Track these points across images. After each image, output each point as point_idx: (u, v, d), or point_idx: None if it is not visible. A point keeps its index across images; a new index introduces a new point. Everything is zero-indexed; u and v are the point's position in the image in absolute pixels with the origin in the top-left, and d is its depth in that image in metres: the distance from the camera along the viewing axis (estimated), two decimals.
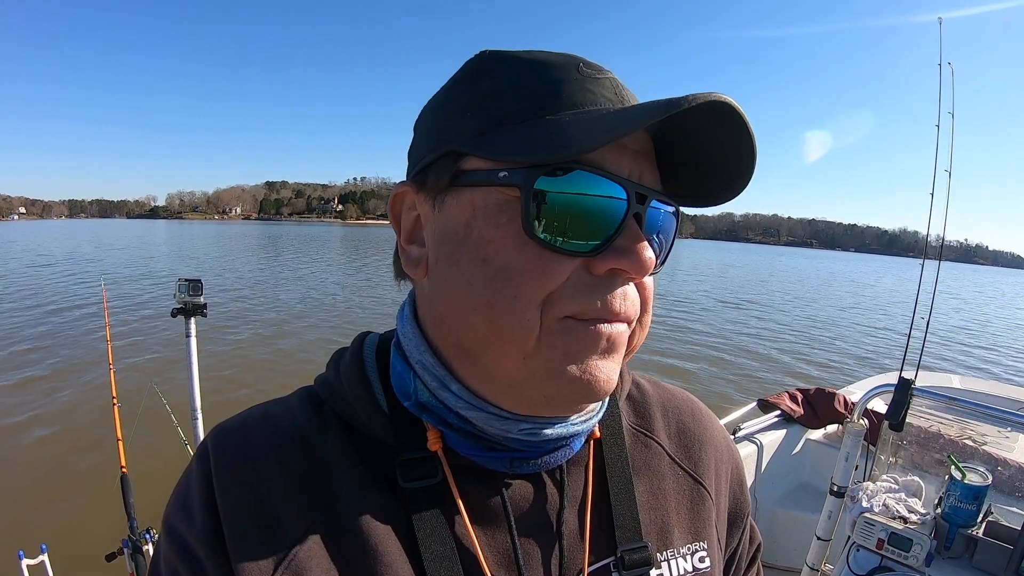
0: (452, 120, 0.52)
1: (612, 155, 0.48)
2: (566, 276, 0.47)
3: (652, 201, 0.50)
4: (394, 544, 0.51)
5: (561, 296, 0.47)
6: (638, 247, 0.47)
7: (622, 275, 0.49)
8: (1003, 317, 27.59)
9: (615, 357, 0.51)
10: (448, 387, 0.54)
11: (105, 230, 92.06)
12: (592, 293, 0.48)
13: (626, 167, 0.49)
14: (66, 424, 6.64)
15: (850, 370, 11.48)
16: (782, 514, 3.39)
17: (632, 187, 0.48)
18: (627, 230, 0.48)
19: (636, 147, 0.50)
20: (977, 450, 2.52)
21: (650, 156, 0.52)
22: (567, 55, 0.52)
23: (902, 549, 2.00)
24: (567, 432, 0.55)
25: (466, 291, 0.49)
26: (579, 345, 0.48)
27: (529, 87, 0.50)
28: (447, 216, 0.51)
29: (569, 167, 0.46)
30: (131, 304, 14.80)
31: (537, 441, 0.55)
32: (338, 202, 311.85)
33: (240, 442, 0.55)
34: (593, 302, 0.48)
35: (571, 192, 0.46)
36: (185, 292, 2.83)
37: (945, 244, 2.62)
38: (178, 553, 0.52)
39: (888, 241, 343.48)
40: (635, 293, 0.51)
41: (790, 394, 3.83)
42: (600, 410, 0.60)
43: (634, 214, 0.48)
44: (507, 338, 0.48)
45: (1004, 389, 4.51)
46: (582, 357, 0.48)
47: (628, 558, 0.57)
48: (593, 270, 0.48)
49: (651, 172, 0.52)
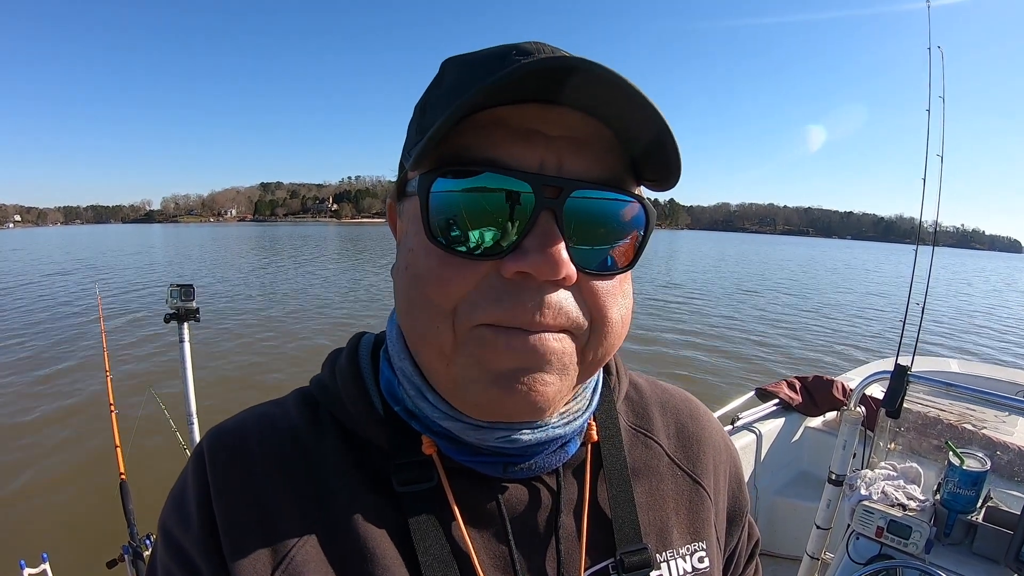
0: (408, 132, 0.55)
1: (518, 147, 0.44)
2: (474, 282, 0.45)
3: (575, 192, 0.45)
4: (390, 548, 0.51)
5: (469, 303, 0.45)
6: (547, 247, 0.43)
7: (532, 279, 0.44)
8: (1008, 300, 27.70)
9: (550, 370, 0.46)
10: (425, 396, 0.54)
11: (100, 236, 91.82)
12: (501, 300, 0.44)
13: (536, 158, 0.45)
14: (64, 432, 6.63)
15: (851, 356, 11.49)
16: (782, 503, 3.40)
17: (539, 180, 0.44)
18: (537, 228, 0.44)
19: (557, 132, 0.45)
20: (976, 435, 2.52)
21: (582, 141, 0.46)
22: (512, 45, 0.48)
23: (901, 536, 2.00)
24: (547, 436, 0.54)
25: (400, 298, 0.51)
26: (493, 355, 0.45)
27: (456, 89, 0.49)
28: (402, 226, 0.53)
29: (471, 169, 0.44)
30: (127, 310, 14.77)
31: (517, 448, 0.54)
32: (333, 201, 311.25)
33: (236, 444, 0.55)
34: (504, 309, 0.44)
35: (463, 191, 0.45)
36: (177, 297, 2.82)
37: (941, 230, 2.62)
38: (174, 556, 0.51)
39: (885, 228, 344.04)
40: (566, 298, 0.46)
41: (788, 382, 3.84)
42: (585, 412, 0.59)
43: (547, 209, 0.44)
44: (427, 345, 0.48)
45: (1005, 372, 4.52)
46: (501, 368, 0.46)
47: (627, 560, 0.57)
48: (503, 274, 0.44)
49: (580, 158, 0.46)
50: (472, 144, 0.45)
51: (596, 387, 0.62)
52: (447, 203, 0.45)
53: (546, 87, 0.42)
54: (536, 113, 0.45)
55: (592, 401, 0.60)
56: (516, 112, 0.45)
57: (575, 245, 0.46)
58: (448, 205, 0.45)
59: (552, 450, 0.57)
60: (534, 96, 0.43)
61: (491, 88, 0.40)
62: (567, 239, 0.45)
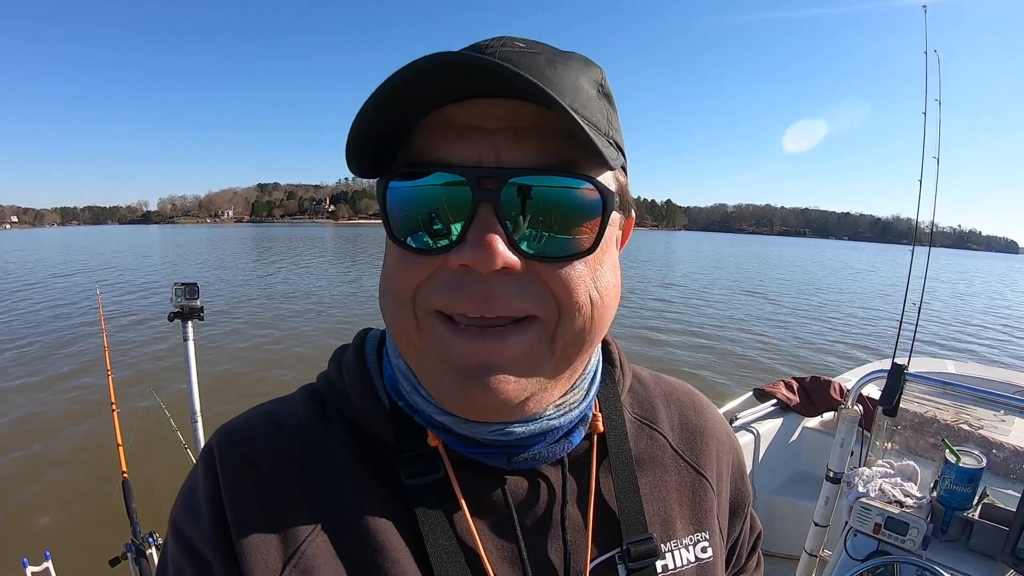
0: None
1: (458, 144, 0.46)
2: (429, 274, 0.47)
3: (512, 180, 0.45)
4: (399, 540, 0.52)
5: (425, 290, 0.48)
6: (482, 238, 0.44)
7: (475, 271, 0.45)
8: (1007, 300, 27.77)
9: (510, 369, 0.48)
10: (419, 392, 0.55)
11: (98, 237, 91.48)
12: (448, 290, 0.46)
13: (475, 152, 0.45)
14: (66, 431, 6.63)
15: (849, 356, 11.51)
16: (780, 502, 3.41)
17: (474, 173, 0.45)
18: (476, 220, 0.45)
19: (495, 124, 0.45)
20: (972, 434, 2.54)
21: (526, 129, 0.46)
22: (479, 41, 0.50)
23: (899, 533, 2.02)
24: (542, 428, 0.55)
25: (379, 294, 0.54)
26: (451, 351, 0.47)
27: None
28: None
29: (419, 170, 0.47)
30: (127, 309, 14.75)
31: (513, 440, 0.55)
32: (330, 202, 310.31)
33: (244, 442, 0.56)
34: (453, 299, 0.46)
35: (413, 191, 0.47)
36: (182, 296, 2.82)
37: (938, 230, 2.64)
38: (184, 553, 0.52)
39: (882, 229, 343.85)
40: (521, 286, 0.46)
41: (786, 383, 3.85)
42: (582, 402, 0.59)
43: (486, 201, 0.45)
44: (400, 336, 0.51)
45: (1001, 373, 4.54)
46: (460, 365, 0.47)
47: (634, 550, 0.58)
48: (450, 266, 0.45)
49: (519, 147, 0.45)
50: (423, 146, 0.47)
51: (595, 378, 0.62)
52: (400, 203, 0.48)
53: (459, 82, 0.43)
54: (478, 108, 0.46)
55: (590, 392, 0.60)
56: (458, 110, 0.46)
57: (524, 233, 0.46)
58: (402, 205, 0.48)
59: (554, 440, 0.57)
60: (464, 93, 0.45)
61: (383, 90, 0.42)
62: (511, 228, 0.45)
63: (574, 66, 0.50)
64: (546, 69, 0.47)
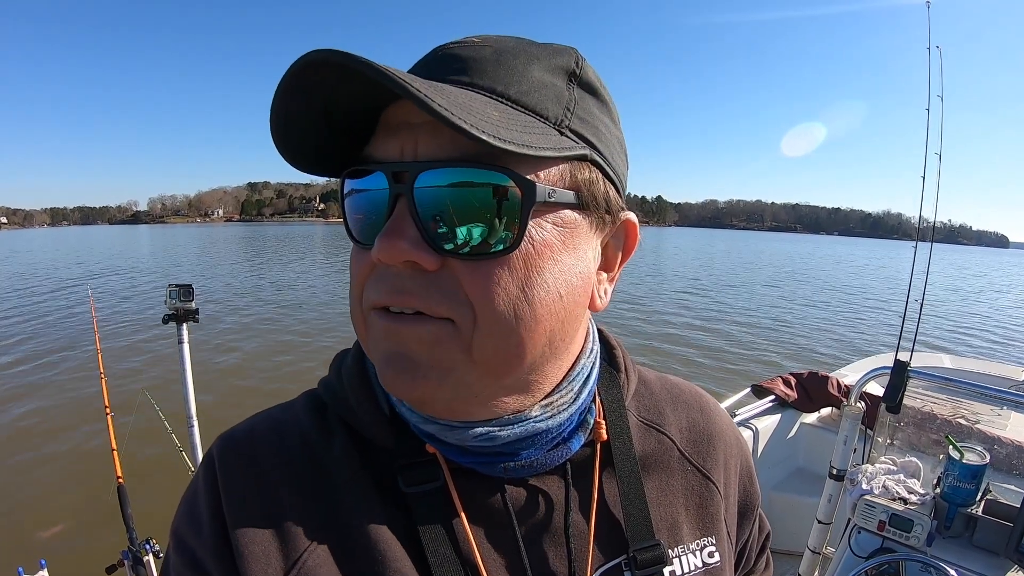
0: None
1: (386, 139, 0.47)
2: (368, 270, 0.48)
3: (423, 173, 0.43)
4: (400, 550, 0.51)
5: (366, 288, 0.48)
6: (388, 233, 0.43)
7: (383, 263, 0.45)
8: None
9: (419, 358, 0.46)
10: (402, 401, 0.55)
11: (88, 237, 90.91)
12: (375, 283, 0.47)
13: (397, 147, 0.45)
14: (60, 436, 6.56)
15: (846, 351, 11.58)
16: (779, 498, 3.42)
17: (389, 167, 0.45)
18: (393, 215, 0.45)
19: (419, 119, 0.44)
20: (971, 429, 2.55)
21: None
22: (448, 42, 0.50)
23: (903, 530, 2.03)
24: (527, 432, 0.53)
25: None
26: (382, 334, 0.48)
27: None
28: None
29: (363, 168, 0.48)
30: (120, 312, 14.63)
31: (498, 447, 0.53)
32: (320, 201, 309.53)
33: (245, 451, 0.55)
34: (377, 293, 0.47)
35: (356, 189, 0.49)
36: (176, 298, 2.78)
37: (930, 226, 2.64)
38: (186, 563, 0.52)
39: (872, 224, 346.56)
40: (435, 284, 0.45)
41: (783, 378, 3.86)
42: (572, 405, 0.57)
43: (401, 195, 0.44)
44: (358, 334, 0.52)
45: (997, 368, 4.57)
46: (381, 351, 0.48)
47: (640, 557, 0.57)
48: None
49: (435, 139, 0.44)
50: (371, 145, 0.49)
51: (588, 380, 0.59)
52: (350, 200, 0.50)
53: (332, 79, 0.42)
54: (411, 105, 0.43)
55: (581, 394, 0.58)
56: (394, 108, 0.47)
57: (441, 229, 0.44)
58: (350, 202, 0.50)
59: (551, 447, 0.56)
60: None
61: (280, 91, 0.43)
62: (428, 222, 0.44)
63: (532, 53, 0.49)
64: (489, 59, 0.47)
